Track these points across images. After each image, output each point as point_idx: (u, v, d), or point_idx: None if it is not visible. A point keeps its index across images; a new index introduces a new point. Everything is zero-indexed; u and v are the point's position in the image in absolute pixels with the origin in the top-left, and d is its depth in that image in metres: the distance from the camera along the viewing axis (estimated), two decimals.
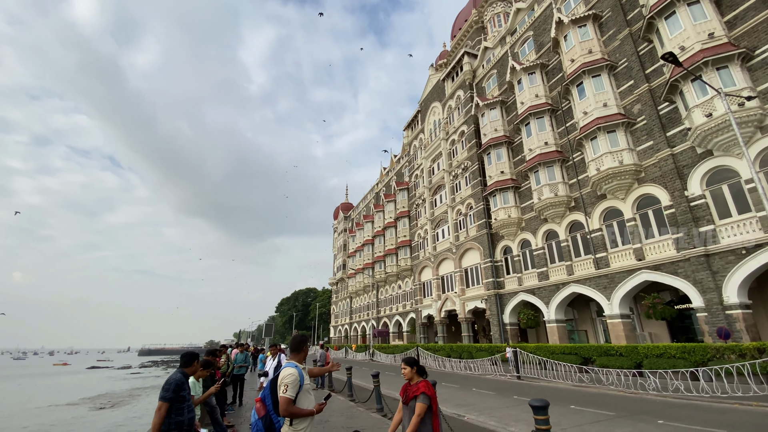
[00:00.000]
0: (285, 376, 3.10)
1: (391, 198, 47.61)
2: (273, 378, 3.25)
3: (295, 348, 3.48)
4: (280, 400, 3.00)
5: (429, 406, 3.43)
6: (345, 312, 61.03)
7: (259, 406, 3.10)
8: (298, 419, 3.08)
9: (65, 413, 26.48)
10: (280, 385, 3.07)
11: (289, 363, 3.29)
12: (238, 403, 10.57)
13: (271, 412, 3.13)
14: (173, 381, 3.67)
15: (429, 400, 3.43)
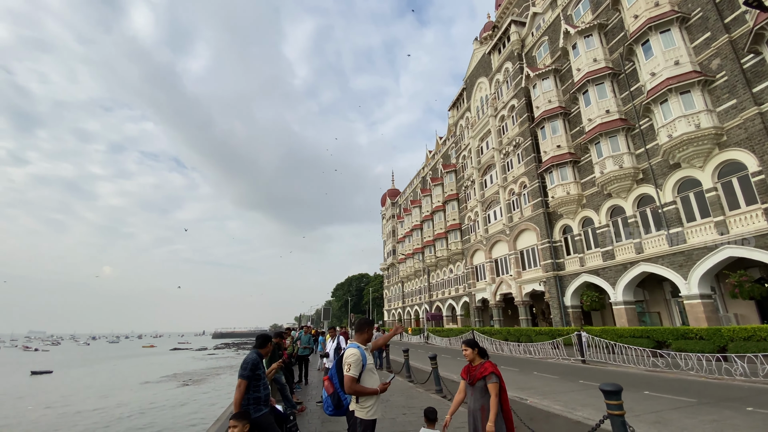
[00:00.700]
0: (348, 356, 3.24)
1: (438, 181, 46.88)
2: (339, 358, 3.38)
3: (359, 329, 3.60)
4: (345, 378, 3.15)
5: (504, 387, 3.48)
6: (397, 296, 61.92)
7: (327, 384, 3.26)
8: (363, 397, 3.20)
9: (158, 389, 29.99)
10: (344, 365, 3.21)
11: (353, 344, 3.42)
12: (304, 381, 11.22)
13: (338, 390, 3.27)
14: (250, 360, 3.96)
15: (499, 379, 3.46)
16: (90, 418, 19.90)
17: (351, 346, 3.37)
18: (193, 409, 21.65)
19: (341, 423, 7.10)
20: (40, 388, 32.23)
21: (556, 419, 7.53)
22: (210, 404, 22.88)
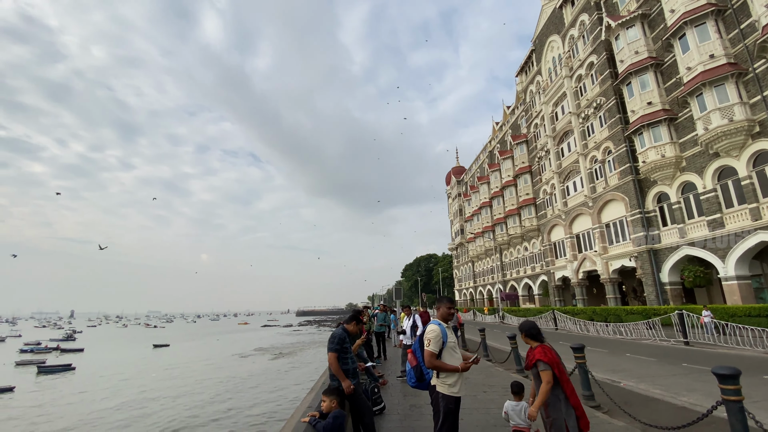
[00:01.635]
0: (429, 331, 3.32)
1: (507, 154, 44.36)
2: (421, 333, 3.46)
3: (436, 307, 3.66)
4: (425, 353, 3.25)
5: (563, 373, 3.27)
6: (468, 276, 60.94)
7: (410, 357, 3.36)
8: (444, 373, 3.25)
9: (254, 360, 33.64)
10: (424, 340, 3.31)
11: (434, 321, 3.49)
12: (383, 357, 11.71)
13: (421, 363, 3.35)
14: (337, 335, 4.21)
15: (549, 366, 3.26)
16: (207, 384, 23.10)
17: (433, 323, 3.43)
18: (292, 377, 23.94)
19: (423, 396, 7.29)
20: (162, 358, 38.18)
21: (657, 404, 6.89)
22: (303, 374, 25.07)
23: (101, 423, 15.63)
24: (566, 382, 3.27)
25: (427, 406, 6.63)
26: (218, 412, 16.49)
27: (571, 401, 3.24)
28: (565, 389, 3.26)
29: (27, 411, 17.94)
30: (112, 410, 17.52)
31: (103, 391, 21.96)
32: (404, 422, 5.73)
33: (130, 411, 17.20)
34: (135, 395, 20.44)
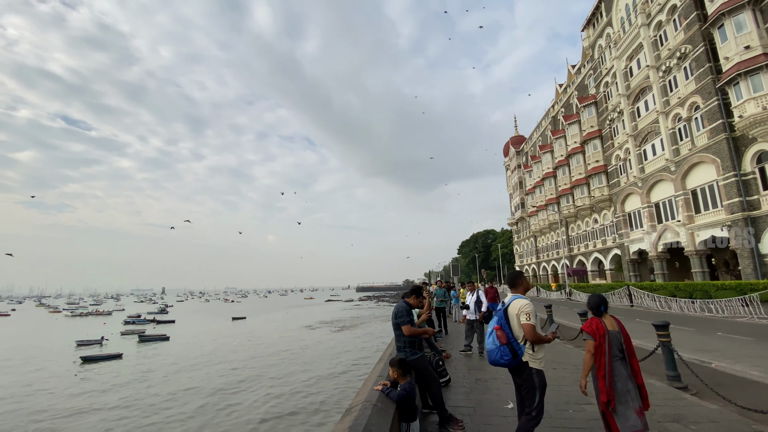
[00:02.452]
0: (523, 305, 3.27)
1: (573, 119, 40.87)
2: (504, 309, 3.36)
3: (512, 283, 3.58)
4: (526, 327, 3.19)
5: (602, 345, 3.35)
6: (530, 252, 58.43)
7: (500, 334, 3.22)
8: (538, 346, 3.26)
9: (321, 331, 35.89)
10: (519, 314, 3.24)
11: (517, 295, 3.43)
12: (444, 331, 11.82)
13: (512, 340, 3.24)
14: (402, 308, 4.30)
15: (590, 336, 3.41)
16: (285, 354, 25.24)
17: (519, 297, 3.38)
18: (359, 348, 25.29)
19: (488, 371, 7.26)
20: (240, 329, 42.23)
21: (755, 386, 6.18)
22: (369, 345, 26.29)
23: (205, 385, 17.83)
24: (603, 354, 3.30)
25: (492, 380, 6.59)
26: (301, 381, 17.96)
27: (637, 379, 3.32)
28: (599, 360, 3.32)
29: (135, 374, 21.04)
30: (211, 375, 19.89)
31: (196, 357, 24.95)
32: (471, 395, 5.77)
33: (228, 377, 19.37)
34: (226, 363, 22.94)
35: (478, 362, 8.04)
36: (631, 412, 3.21)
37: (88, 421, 13.34)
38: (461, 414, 4.80)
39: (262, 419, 12.83)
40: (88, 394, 16.87)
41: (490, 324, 3.44)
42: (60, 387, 18.21)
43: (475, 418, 4.78)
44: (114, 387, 17.92)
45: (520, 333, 3.24)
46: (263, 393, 16.02)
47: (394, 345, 5.07)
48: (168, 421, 12.98)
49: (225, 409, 14.19)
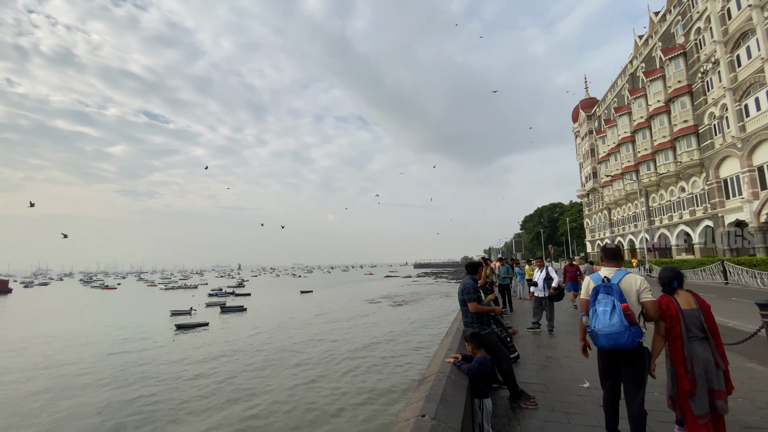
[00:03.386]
0: (642, 280, 3.10)
1: (656, 74, 36.03)
2: (610, 285, 3.07)
3: (614, 256, 3.39)
4: (650, 304, 3.04)
5: (675, 327, 3.09)
6: (602, 225, 54.03)
7: (631, 313, 2.96)
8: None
9: (382, 305, 37.07)
10: (641, 290, 3.06)
11: (626, 270, 3.22)
12: (509, 309, 11.51)
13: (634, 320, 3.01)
14: (470, 285, 4.22)
15: (661, 318, 3.14)
16: (350, 323, 26.64)
17: (627, 272, 3.16)
18: (422, 322, 25.86)
19: (558, 348, 6.97)
20: (309, 301, 45.11)
21: None
22: (433, 319, 26.71)
23: (285, 351, 19.52)
24: (680, 337, 3.04)
25: (564, 358, 6.31)
26: (371, 354, 18.88)
27: (722, 361, 3.04)
28: (672, 344, 3.09)
29: (221, 340, 23.56)
30: (289, 343, 21.69)
31: (273, 326, 27.26)
32: (542, 372, 5.58)
33: (306, 346, 20.99)
34: (302, 333, 24.81)
35: (547, 340, 7.74)
36: (706, 397, 2.93)
37: (187, 381, 15.31)
38: (532, 391, 4.67)
39: (342, 390, 13.72)
40: (185, 356, 19.34)
41: (600, 302, 3.07)
42: (161, 350, 21.07)
43: (548, 395, 4.62)
44: (205, 350, 20.31)
45: (636, 311, 3.04)
46: (336, 364, 17.09)
47: (461, 320, 5.03)
48: (267, 384, 14.43)
49: (308, 376, 15.41)
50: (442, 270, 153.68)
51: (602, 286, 3.09)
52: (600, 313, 3.03)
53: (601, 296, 3.07)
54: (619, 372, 3.16)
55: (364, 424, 10.47)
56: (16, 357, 20.24)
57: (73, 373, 16.84)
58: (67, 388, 14.71)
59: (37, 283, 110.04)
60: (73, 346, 22.65)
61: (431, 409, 2.12)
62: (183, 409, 12.04)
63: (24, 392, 14.44)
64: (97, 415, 11.87)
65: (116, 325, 30.17)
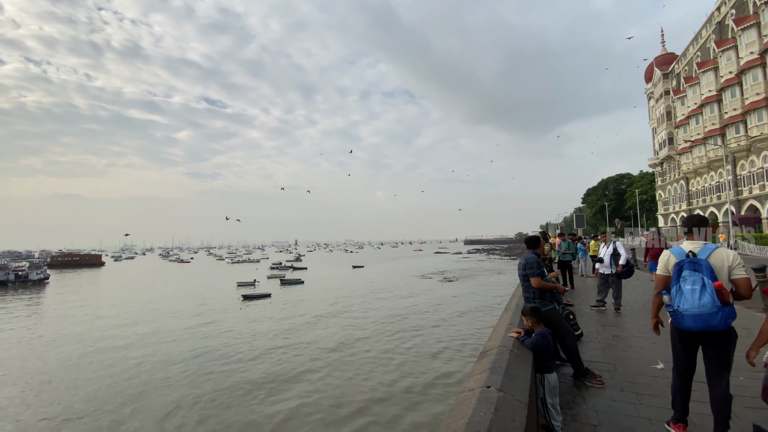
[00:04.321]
0: (732, 255, 2.80)
1: (749, 21, 30.85)
2: (698, 261, 2.79)
3: (699, 228, 3.05)
4: (743, 282, 2.73)
5: None
6: (678, 197, 48.86)
7: (726, 292, 2.72)
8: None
9: (433, 280, 37.31)
10: (733, 266, 2.76)
11: (710, 244, 2.89)
12: (570, 286, 10.99)
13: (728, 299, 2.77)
14: (533, 259, 4.06)
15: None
16: (401, 297, 27.30)
17: (717, 246, 2.83)
18: (475, 297, 25.79)
19: (625, 328, 6.59)
20: (361, 276, 46.61)
21: None
22: (487, 296, 26.52)
23: (351, 320, 20.62)
24: None
25: (634, 338, 5.94)
26: (422, 326, 19.32)
27: None
28: None
29: (284, 308, 25.29)
30: (346, 313, 22.84)
31: (330, 298, 28.71)
32: (608, 352, 5.30)
33: (359, 314, 21.99)
34: (358, 304, 25.94)
35: (613, 318, 7.31)
36: None
37: (256, 342, 16.78)
38: (599, 370, 4.47)
39: (399, 360, 14.28)
40: (254, 322, 21.15)
41: (686, 280, 2.77)
42: (231, 317, 23.18)
43: (616, 375, 4.40)
44: (270, 317, 22.02)
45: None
46: (392, 336, 17.71)
47: (521, 295, 4.89)
48: (342, 349, 15.50)
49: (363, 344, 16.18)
50: (495, 247, 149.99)
51: (687, 262, 2.79)
52: (687, 292, 2.74)
53: (687, 273, 2.77)
54: (696, 354, 2.92)
55: (421, 395, 10.87)
56: (121, 318, 23.51)
57: (165, 330, 19.23)
58: (161, 342, 16.90)
59: (124, 257, 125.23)
60: (164, 309, 25.76)
61: (496, 381, 2.11)
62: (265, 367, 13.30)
63: (137, 342, 16.86)
64: (196, 358, 13.82)
65: (195, 294, 33.80)
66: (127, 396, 11.54)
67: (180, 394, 11.48)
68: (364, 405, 10.26)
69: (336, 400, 10.64)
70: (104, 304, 29.94)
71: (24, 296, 36.62)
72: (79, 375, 13.63)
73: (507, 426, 1.71)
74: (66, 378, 13.38)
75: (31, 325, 22.65)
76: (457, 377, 12.10)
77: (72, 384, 12.75)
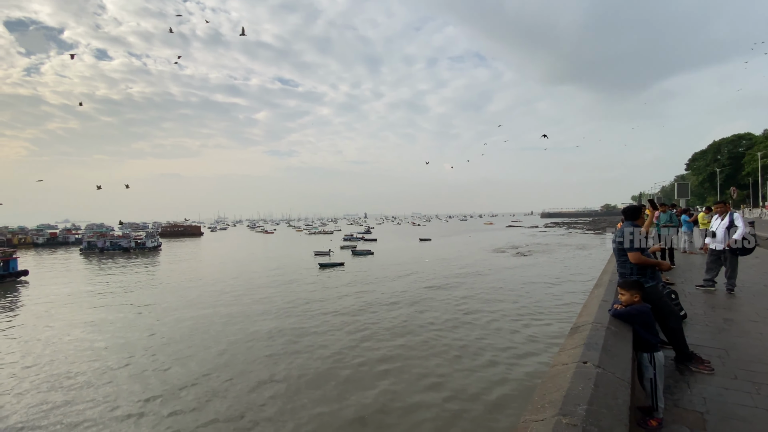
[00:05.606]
0: None
1: None
2: None
3: None
4: None
5: None
6: None
7: None
8: None
9: (508, 255, 36.12)
10: None
11: None
12: (669, 261, 9.86)
13: None
14: (632, 232, 3.70)
15: None
16: (472, 270, 27.09)
17: None
18: (557, 273, 24.67)
19: (739, 311, 5.79)
20: (427, 248, 46.84)
21: None
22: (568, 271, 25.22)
23: (423, 287, 21.29)
24: None
25: (751, 322, 5.20)
26: (502, 301, 19.15)
27: None
28: None
29: (358, 276, 26.67)
30: (421, 281, 23.48)
31: (398, 270, 29.55)
32: (718, 336, 4.74)
33: (439, 288, 22.47)
34: (427, 276, 26.43)
35: (724, 300, 6.44)
36: None
37: (332, 304, 18.11)
38: (707, 355, 4.03)
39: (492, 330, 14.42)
40: (330, 287, 22.76)
41: None
42: (308, 282, 25.14)
43: (728, 362, 3.93)
44: (344, 284, 23.45)
45: None
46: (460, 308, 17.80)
47: (611, 271, 4.54)
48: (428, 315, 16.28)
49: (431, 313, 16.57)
50: (576, 220, 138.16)
51: None
52: None
53: None
54: None
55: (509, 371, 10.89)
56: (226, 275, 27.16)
57: (256, 286, 21.69)
58: (260, 301, 19.15)
59: (219, 228, 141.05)
60: (258, 270, 28.95)
61: (593, 357, 2.03)
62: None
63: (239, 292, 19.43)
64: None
65: (281, 260, 37.73)
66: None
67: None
68: (444, 377, 10.56)
69: (418, 373, 11.07)
70: (222, 265, 34.99)
71: (144, 259, 43.81)
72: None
73: (609, 402, 1.66)
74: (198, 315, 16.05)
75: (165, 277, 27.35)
76: (538, 352, 11.89)
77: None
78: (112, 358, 12.94)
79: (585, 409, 1.53)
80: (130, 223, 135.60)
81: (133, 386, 10.75)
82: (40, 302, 22.04)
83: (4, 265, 30.07)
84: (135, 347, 13.85)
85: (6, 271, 29.93)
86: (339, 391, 9.92)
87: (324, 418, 8.68)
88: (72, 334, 15.73)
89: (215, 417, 8.96)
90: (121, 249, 55.10)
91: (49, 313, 19.24)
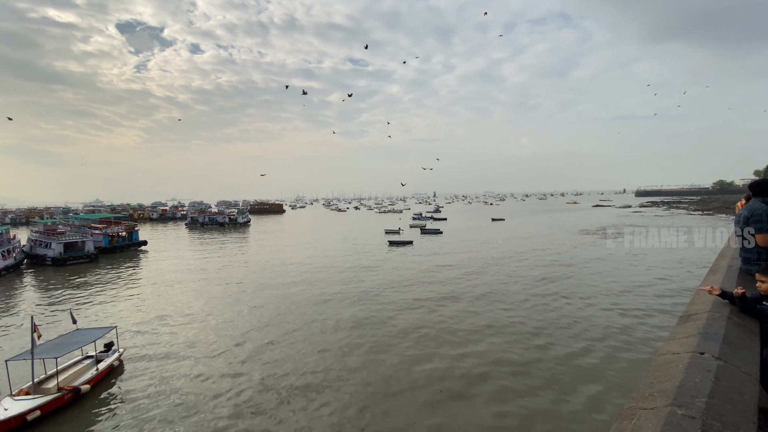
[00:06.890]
0: None
1: None
2: None
3: None
4: None
5: None
6: None
7: None
8: None
9: (596, 238, 33.28)
10: None
11: None
12: None
13: None
14: (763, 211, 3.12)
15: None
16: (553, 252, 25.62)
17: None
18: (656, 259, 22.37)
19: None
20: (500, 228, 44.98)
21: None
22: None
23: (488, 271, 20.92)
24: None
25: None
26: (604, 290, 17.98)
27: None
28: None
29: (427, 257, 26.75)
30: (488, 260, 22.97)
31: (466, 251, 29.00)
32: None
33: (511, 267, 21.85)
34: (502, 257, 25.63)
35: None
36: None
37: (405, 280, 18.51)
38: None
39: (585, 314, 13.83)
40: (399, 266, 23.22)
41: None
42: (380, 257, 25.85)
43: None
44: (410, 263, 23.74)
45: None
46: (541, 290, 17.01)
47: (732, 256, 3.91)
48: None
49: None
50: (680, 199, 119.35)
51: None
52: None
53: None
54: None
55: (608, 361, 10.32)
56: (314, 250, 29.23)
57: (335, 257, 23.04)
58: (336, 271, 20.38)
59: (298, 206, 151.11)
60: (339, 246, 30.72)
61: (712, 348, 1.79)
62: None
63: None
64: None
65: (355, 237, 39.51)
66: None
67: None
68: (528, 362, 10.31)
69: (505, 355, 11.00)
70: (314, 241, 37.66)
71: (237, 234, 48.99)
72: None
73: (734, 398, 1.47)
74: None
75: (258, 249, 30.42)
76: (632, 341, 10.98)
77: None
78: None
79: (704, 402, 1.38)
80: (224, 201, 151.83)
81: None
82: (185, 269, 26.10)
83: (129, 236, 36.30)
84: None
85: (131, 241, 35.97)
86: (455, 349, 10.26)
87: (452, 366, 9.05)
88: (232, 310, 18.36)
89: None
90: (217, 224, 62.52)
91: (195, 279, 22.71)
